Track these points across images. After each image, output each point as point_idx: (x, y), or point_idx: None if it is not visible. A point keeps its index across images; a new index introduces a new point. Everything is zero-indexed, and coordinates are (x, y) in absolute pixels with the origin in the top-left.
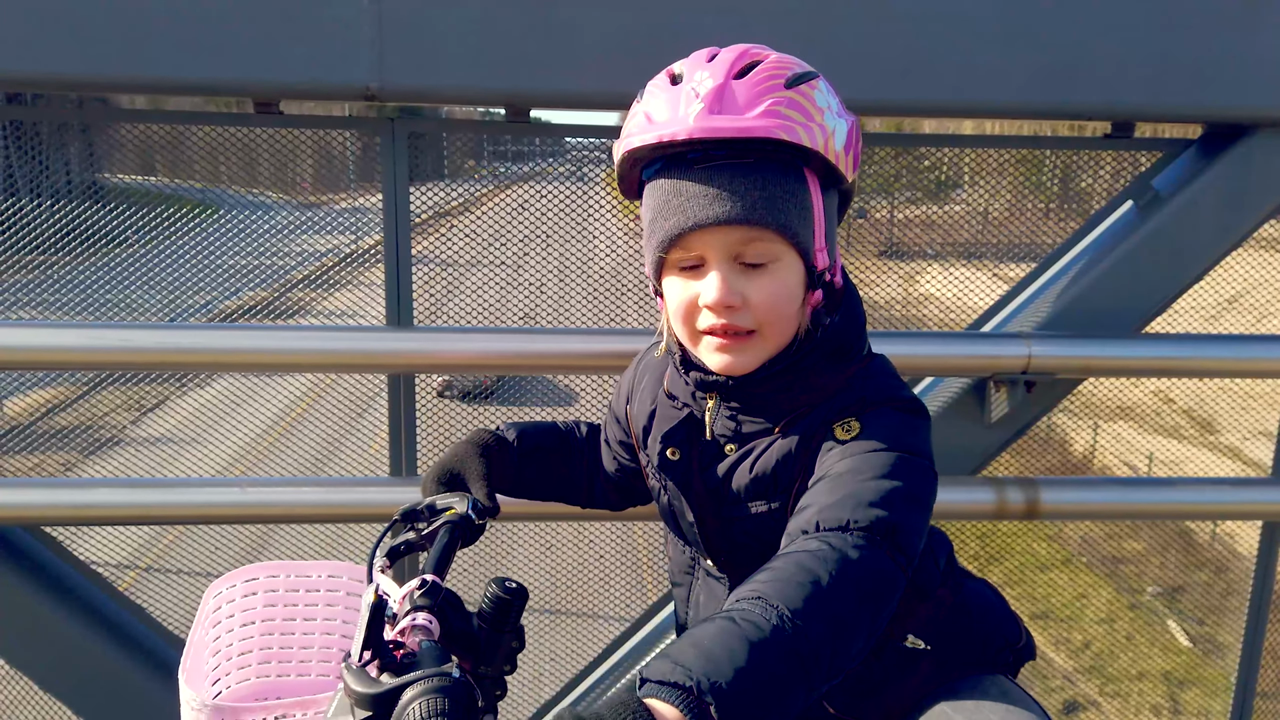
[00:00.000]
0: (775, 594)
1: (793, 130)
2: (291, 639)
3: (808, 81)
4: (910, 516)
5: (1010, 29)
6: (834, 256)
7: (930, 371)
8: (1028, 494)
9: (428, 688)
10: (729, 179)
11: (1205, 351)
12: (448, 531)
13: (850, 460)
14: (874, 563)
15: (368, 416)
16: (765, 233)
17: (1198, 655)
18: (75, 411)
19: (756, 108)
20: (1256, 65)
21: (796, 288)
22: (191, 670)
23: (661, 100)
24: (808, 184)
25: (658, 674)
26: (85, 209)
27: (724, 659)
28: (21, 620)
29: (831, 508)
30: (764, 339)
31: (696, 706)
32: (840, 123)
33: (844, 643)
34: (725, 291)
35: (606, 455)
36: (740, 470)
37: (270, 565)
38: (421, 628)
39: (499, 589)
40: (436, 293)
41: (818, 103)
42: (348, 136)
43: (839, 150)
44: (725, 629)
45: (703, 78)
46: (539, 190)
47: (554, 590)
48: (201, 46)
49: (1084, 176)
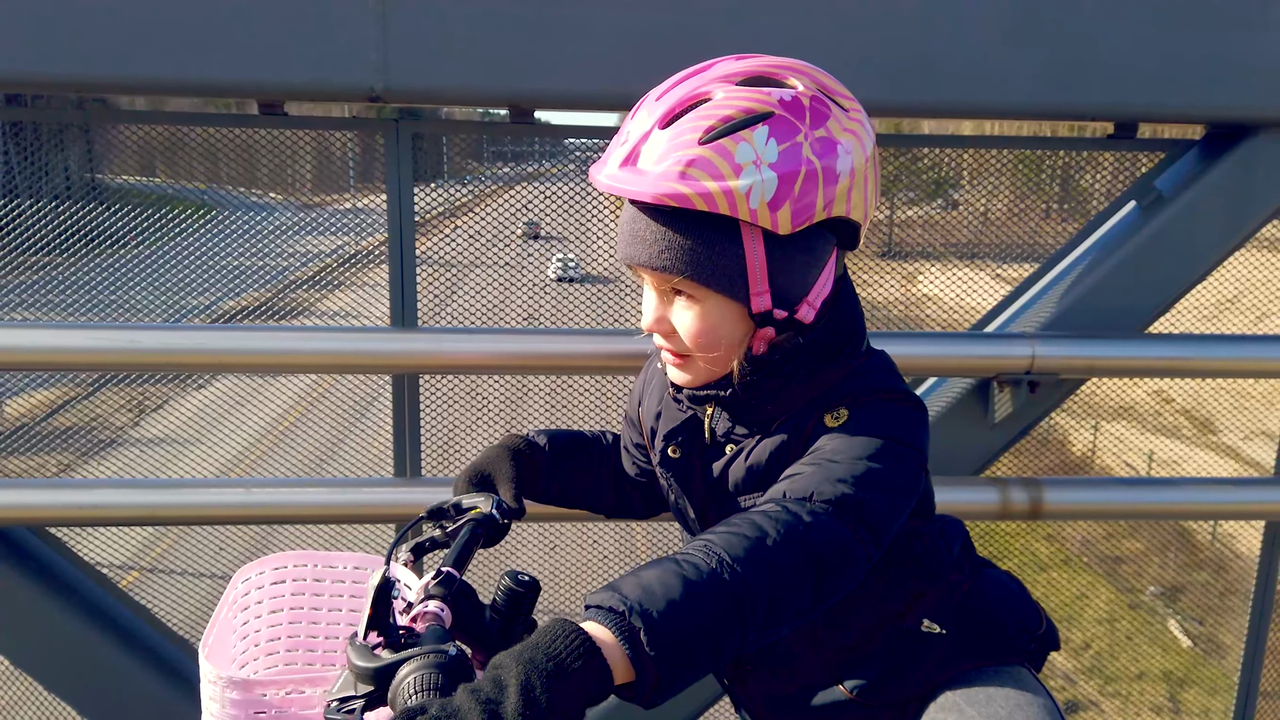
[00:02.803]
0: (720, 542)
1: (683, 196)
2: (318, 628)
3: (737, 131)
4: (880, 497)
5: (1014, 30)
6: (800, 294)
7: (934, 372)
8: (1032, 494)
9: (424, 662)
10: (648, 223)
11: (1210, 352)
12: (470, 529)
13: (834, 443)
14: (827, 530)
15: (368, 417)
16: (681, 279)
17: (1198, 655)
18: (75, 412)
19: (660, 166)
20: (1260, 66)
21: (729, 324)
22: (214, 647)
23: (623, 130)
24: (740, 234)
25: (596, 601)
26: (85, 210)
27: (659, 592)
28: (26, 621)
29: (801, 479)
30: (698, 363)
31: (627, 629)
32: (768, 177)
33: (783, 597)
34: (652, 319)
35: (626, 460)
36: (736, 464)
37: (298, 554)
38: (433, 615)
39: (512, 581)
40: (438, 293)
41: (736, 158)
42: (348, 138)
43: (756, 207)
44: (667, 568)
45: (641, 119)
46: (540, 191)
47: (557, 590)
48: (207, 48)
49: (1084, 176)
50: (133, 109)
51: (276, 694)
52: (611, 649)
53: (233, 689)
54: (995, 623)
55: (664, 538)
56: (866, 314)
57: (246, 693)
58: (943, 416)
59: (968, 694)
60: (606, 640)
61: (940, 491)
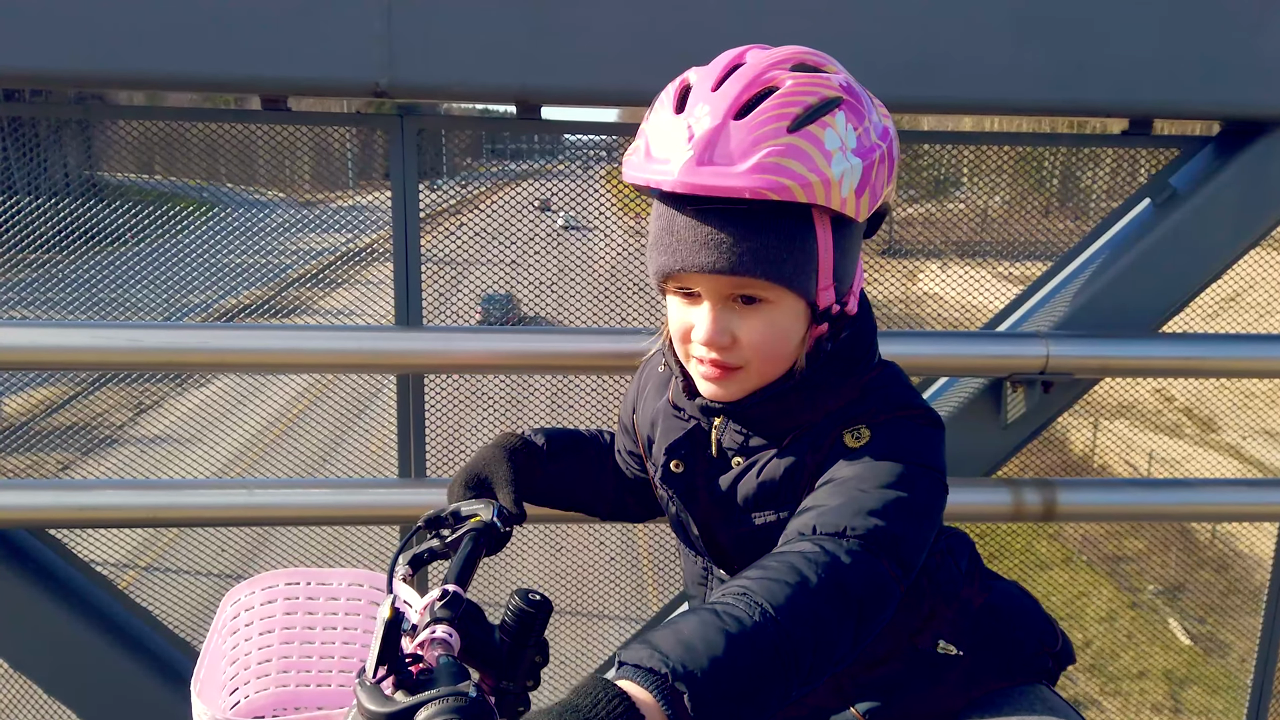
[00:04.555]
0: (761, 590)
1: (784, 188)
2: (312, 648)
3: (821, 118)
4: (911, 528)
5: (1026, 26)
6: (849, 285)
7: (947, 371)
8: (1045, 495)
9: (443, 708)
10: (720, 224)
11: (1225, 351)
12: (471, 540)
13: (858, 467)
14: (866, 570)
15: (365, 416)
16: (757, 280)
17: (1198, 654)
18: (72, 411)
19: (749, 159)
20: (1275, 62)
21: (793, 326)
22: (206, 682)
23: (662, 129)
24: (813, 226)
25: (634, 658)
26: (83, 207)
27: (702, 649)
28: (25, 623)
29: (831, 512)
30: (751, 374)
31: (670, 693)
32: (854, 164)
33: (826, 646)
34: (714, 331)
35: (621, 465)
36: (746, 479)
37: (290, 572)
38: (441, 641)
39: (522, 601)
40: (440, 290)
41: (826, 145)
42: (347, 135)
43: (846, 195)
44: (707, 620)
45: (702, 114)
46: (541, 188)
47: (562, 592)
48: (212, 43)
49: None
50: (133, 104)
51: None
52: (652, 713)
53: None
54: (1012, 642)
55: (667, 540)
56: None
57: None
58: (955, 417)
59: None
60: (648, 704)
61: (953, 493)
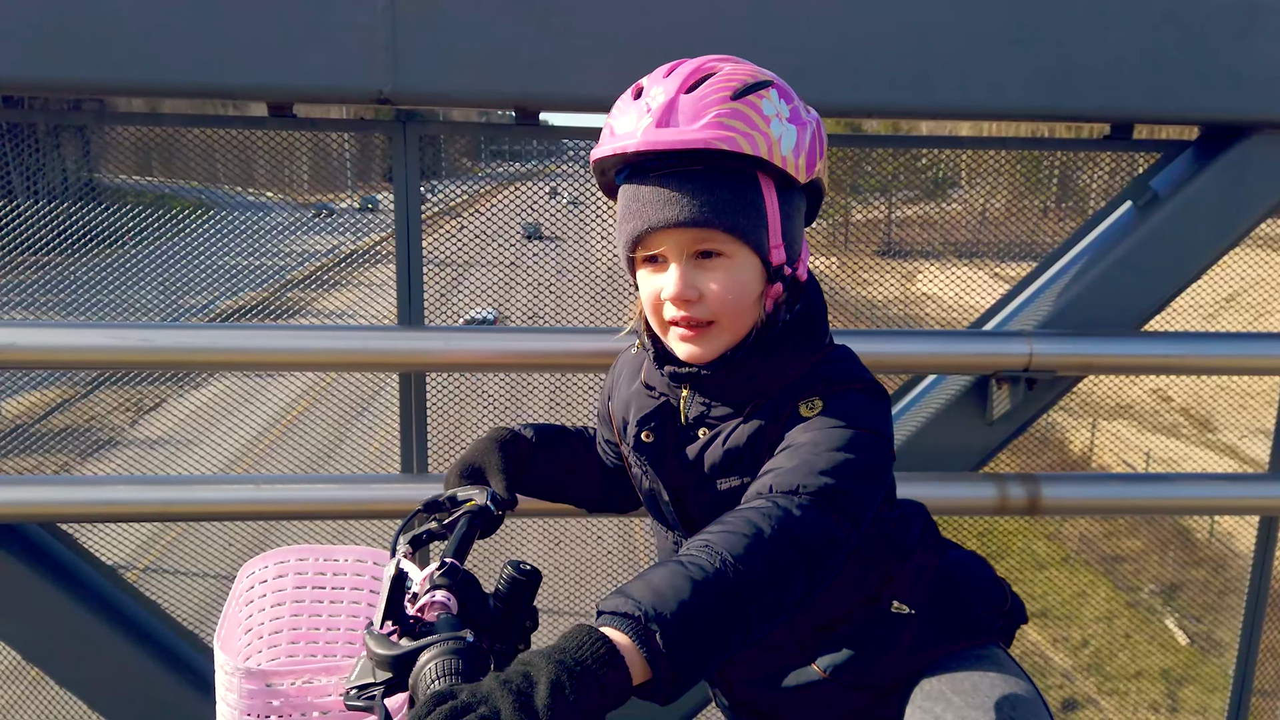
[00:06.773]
0: (721, 542)
1: (732, 140)
2: (319, 620)
3: (756, 91)
4: (858, 486)
5: (1011, 34)
6: (796, 252)
7: (933, 369)
8: (1029, 489)
9: (443, 649)
10: (679, 185)
11: (1204, 349)
12: (467, 521)
13: (811, 433)
14: (816, 522)
15: (365, 416)
16: (715, 233)
17: (1196, 653)
18: (72, 412)
19: (700, 120)
20: (1254, 69)
21: (752, 281)
22: (225, 639)
23: (622, 114)
24: (760, 186)
25: (611, 606)
26: (82, 209)
27: (670, 594)
28: (39, 616)
29: (786, 473)
30: (721, 329)
31: (644, 633)
32: (789, 129)
33: (780, 589)
34: (682, 286)
35: (601, 455)
36: (713, 448)
37: (300, 549)
38: (440, 604)
39: (514, 570)
40: (440, 290)
41: (764, 111)
42: (347, 139)
43: (786, 155)
44: (674, 570)
45: (657, 93)
46: (539, 190)
47: (561, 584)
48: (219, 52)
49: (1081, 176)
50: (133, 110)
51: (291, 684)
52: (629, 652)
53: (248, 680)
54: (962, 601)
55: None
56: (865, 312)
57: (260, 683)
58: (941, 413)
59: (952, 680)
60: (625, 644)
61: (939, 487)
